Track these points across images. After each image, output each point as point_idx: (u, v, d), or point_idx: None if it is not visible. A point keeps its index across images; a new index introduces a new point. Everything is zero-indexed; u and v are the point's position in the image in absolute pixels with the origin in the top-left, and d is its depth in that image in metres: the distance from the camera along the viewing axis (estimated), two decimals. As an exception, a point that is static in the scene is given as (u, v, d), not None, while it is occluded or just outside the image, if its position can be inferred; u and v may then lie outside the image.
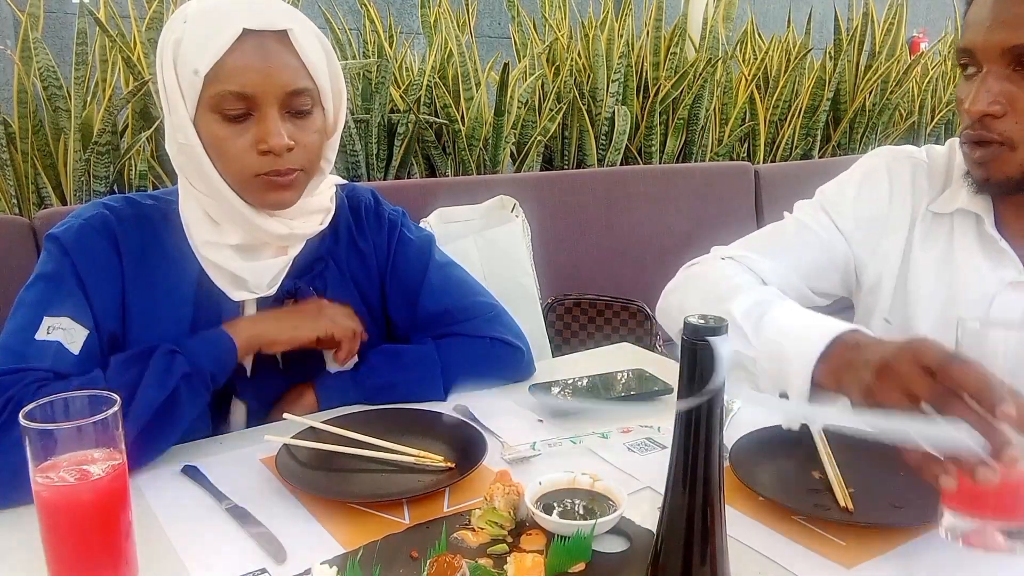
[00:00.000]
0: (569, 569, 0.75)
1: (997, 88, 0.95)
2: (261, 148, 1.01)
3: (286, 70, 1.01)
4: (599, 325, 2.27)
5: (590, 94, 2.73)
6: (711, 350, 0.58)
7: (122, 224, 1.07)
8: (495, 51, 2.99)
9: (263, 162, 1.02)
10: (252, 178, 1.03)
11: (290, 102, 1.02)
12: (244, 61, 0.98)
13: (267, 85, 0.99)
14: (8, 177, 1.91)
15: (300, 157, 1.04)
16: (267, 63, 0.99)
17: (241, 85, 0.98)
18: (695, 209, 2.65)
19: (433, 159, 2.51)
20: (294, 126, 1.03)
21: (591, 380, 1.24)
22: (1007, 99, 0.95)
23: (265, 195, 1.05)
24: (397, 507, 0.87)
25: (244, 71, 0.98)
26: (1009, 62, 0.94)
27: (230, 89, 0.98)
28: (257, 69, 0.99)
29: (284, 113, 1.02)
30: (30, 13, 1.92)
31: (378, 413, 1.09)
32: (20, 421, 0.68)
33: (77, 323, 1.00)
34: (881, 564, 0.78)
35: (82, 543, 0.71)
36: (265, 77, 0.99)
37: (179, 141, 1.03)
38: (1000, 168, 0.98)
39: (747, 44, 3.22)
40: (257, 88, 0.99)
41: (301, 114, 1.04)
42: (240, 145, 1.01)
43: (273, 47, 1.00)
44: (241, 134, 1.01)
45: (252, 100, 1.00)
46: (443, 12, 2.52)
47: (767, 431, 1.01)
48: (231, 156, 1.02)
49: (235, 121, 1.00)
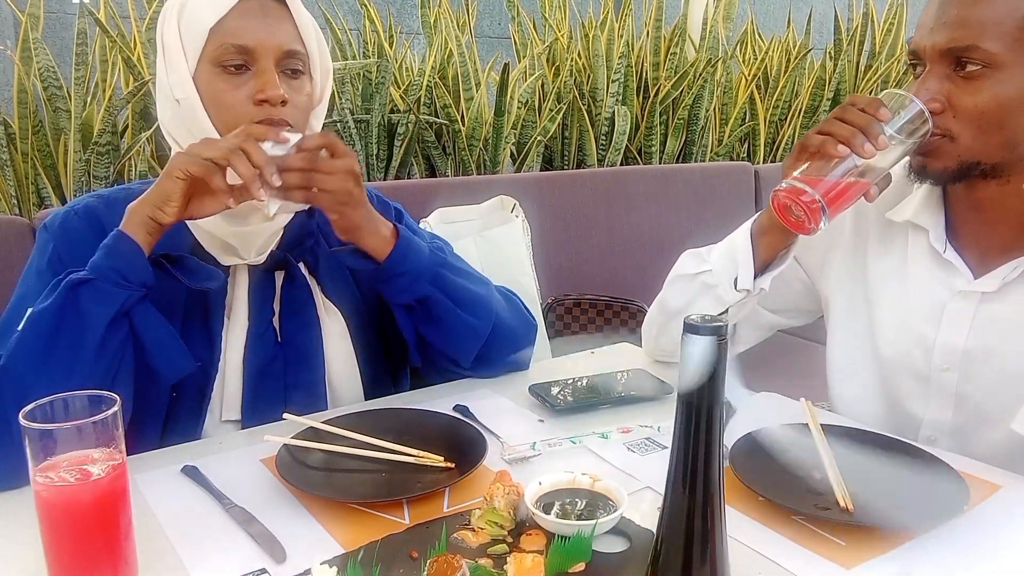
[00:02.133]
0: (569, 569, 0.75)
1: (936, 86, 0.99)
2: (258, 98, 1.05)
3: (284, 30, 1.08)
4: (599, 325, 2.27)
5: (590, 94, 2.73)
6: (712, 350, 0.58)
7: (111, 207, 1.09)
8: (495, 51, 2.99)
9: (258, 111, 1.05)
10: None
11: (285, 61, 1.07)
12: (247, 19, 1.05)
13: (267, 41, 1.05)
14: (8, 177, 1.91)
15: (292, 113, 1.07)
16: (267, 21, 1.06)
17: (243, 39, 1.04)
18: (695, 209, 2.65)
19: (433, 159, 2.51)
20: (288, 85, 1.07)
21: (591, 380, 1.24)
22: (945, 97, 0.99)
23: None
24: (397, 507, 0.87)
25: (246, 26, 1.05)
26: (949, 62, 0.99)
27: (232, 42, 1.04)
28: (258, 26, 1.05)
29: (279, 72, 1.07)
30: (30, 13, 1.92)
31: (378, 413, 1.09)
32: (20, 421, 0.69)
33: None
34: (881, 564, 0.78)
35: (82, 543, 0.71)
36: (266, 34, 1.05)
37: (176, 97, 1.06)
38: (938, 158, 1.02)
39: (747, 44, 3.22)
40: (257, 43, 1.05)
41: (295, 74, 1.09)
42: (238, 96, 1.05)
43: (273, 9, 1.08)
44: (239, 86, 1.05)
45: (252, 54, 1.05)
46: (443, 12, 2.52)
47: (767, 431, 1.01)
48: (228, 105, 1.05)
49: (234, 73, 1.05)
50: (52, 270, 1.03)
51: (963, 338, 1.06)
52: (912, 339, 1.10)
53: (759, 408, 1.11)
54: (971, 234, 1.08)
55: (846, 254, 1.19)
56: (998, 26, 0.95)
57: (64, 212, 1.10)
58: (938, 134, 1.00)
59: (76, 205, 1.11)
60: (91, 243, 1.02)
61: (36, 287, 1.02)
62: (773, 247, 1.10)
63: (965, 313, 1.06)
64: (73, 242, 1.06)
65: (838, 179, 0.94)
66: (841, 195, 0.95)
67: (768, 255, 1.11)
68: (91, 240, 1.03)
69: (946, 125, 0.99)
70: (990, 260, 1.06)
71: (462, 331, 1.18)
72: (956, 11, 0.97)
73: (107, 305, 0.95)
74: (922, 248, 1.11)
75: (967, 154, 1.00)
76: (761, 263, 1.11)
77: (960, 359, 1.07)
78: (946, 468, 0.92)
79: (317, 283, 1.19)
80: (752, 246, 1.11)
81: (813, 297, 1.25)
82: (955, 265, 1.07)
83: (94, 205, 1.11)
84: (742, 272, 1.10)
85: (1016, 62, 0.96)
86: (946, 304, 1.08)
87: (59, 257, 1.05)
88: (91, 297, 0.95)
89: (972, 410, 1.07)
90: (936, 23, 0.99)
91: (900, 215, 1.13)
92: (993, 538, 0.83)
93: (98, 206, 1.10)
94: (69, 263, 1.01)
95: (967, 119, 0.98)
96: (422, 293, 1.14)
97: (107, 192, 1.13)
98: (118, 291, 0.96)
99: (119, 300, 0.96)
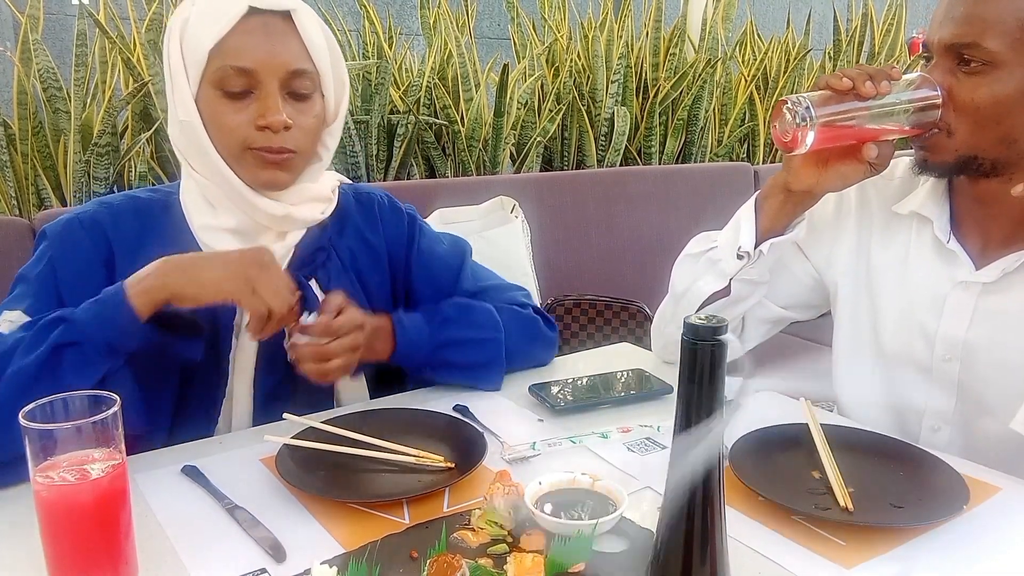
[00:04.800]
0: (569, 569, 0.75)
1: (939, 79, 1.00)
2: (259, 123, 1.02)
3: (288, 50, 1.03)
4: (599, 325, 2.27)
5: (589, 95, 2.73)
6: (711, 350, 0.58)
7: (116, 218, 1.07)
8: (495, 52, 2.99)
9: (258, 136, 1.03)
10: (246, 151, 1.04)
11: (291, 83, 1.04)
12: (248, 38, 1.01)
13: (269, 62, 1.01)
14: (8, 178, 1.91)
15: (296, 138, 1.04)
16: (270, 41, 1.02)
17: (244, 61, 1.01)
18: (695, 209, 2.64)
19: (433, 160, 2.51)
20: (293, 108, 1.04)
21: (591, 380, 1.24)
22: (947, 90, 1.00)
23: (258, 172, 1.05)
24: (397, 507, 0.87)
25: (248, 48, 1.01)
26: (953, 57, 1.00)
27: (233, 64, 1.00)
28: (260, 46, 1.01)
29: (284, 94, 1.04)
30: (30, 15, 1.92)
31: (378, 413, 1.09)
32: (20, 421, 0.68)
33: (27, 316, 0.97)
34: (881, 564, 0.78)
35: (82, 543, 0.71)
36: (268, 54, 1.01)
37: (180, 118, 1.04)
38: (937, 151, 1.03)
39: (746, 45, 3.22)
40: (259, 64, 1.01)
41: (301, 97, 1.05)
42: (239, 119, 1.02)
43: (277, 26, 1.03)
44: (241, 110, 1.02)
45: (254, 76, 1.01)
46: (443, 13, 2.52)
47: (767, 431, 1.01)
48: (228, 128, 1.03)
49: (236, 97, 1.02)
50: (41, 281, 1.01)
51: (964, 328, 1.07)
52: (914, 330, 1.12)
53: (759, 408, 1.11)
54: (974, 226, 1.09)
55: (851, 246, 1.20)
56: (1000, 25, 0.96)
57: (67, 220, 1.06)
58: (937, 127, 1.01)
59: (82, 214, 1.07)
60: (91, 258, 1.02)
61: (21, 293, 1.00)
62: (776, 212, 1.10)
63: (966, 304, 1.07)
64: (71, 255, 1.03)
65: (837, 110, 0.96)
66: (833, 124, 0.97)
67: (771, 223, 1.11)
68: (91, 255, 1.02)
69: (945, 119, 1.01)
70: (992, 251, 1.07)
71: (472, 382, 1.20)
72: (963, 8, 0.98)
73: (88, 377, 0.90)
74: (926, 239, 1.12)
75: (964, 148, 1.01)
76: (764, 231, 1.11)
77: (961, 349, 1.08)
78: (946, 468, 0.92)
79: None
80: (756, 212, 1.11)
81: (821, 291, 1.25)
82: (958, 255, 1.08)
83: (100, 217, 1.06)
84: (744, 235, 1.11)
85: (1016, 61, 0.96)
86: (947, 295, 1.09)
87: (53, 270, 1.02)
88: (73, 363, 0.90)
89: (974, 400, 1.08)
90: (944, 17, 1.00)
91: (906, 207, 1.14)
92: (992, 538, 0.83)
93: (104, 218, 1.06)
94: (63, 277, 1.00)
95: (964, 114, 1.00)
96: (429, 369, 1.18)
97: (116, 203, 1.09)
98: (103, 360, 0.92)
99: (102, 369, 0.93)
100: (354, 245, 1.20)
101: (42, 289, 1.01)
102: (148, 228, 1.08)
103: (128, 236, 1.06)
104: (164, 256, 0.97)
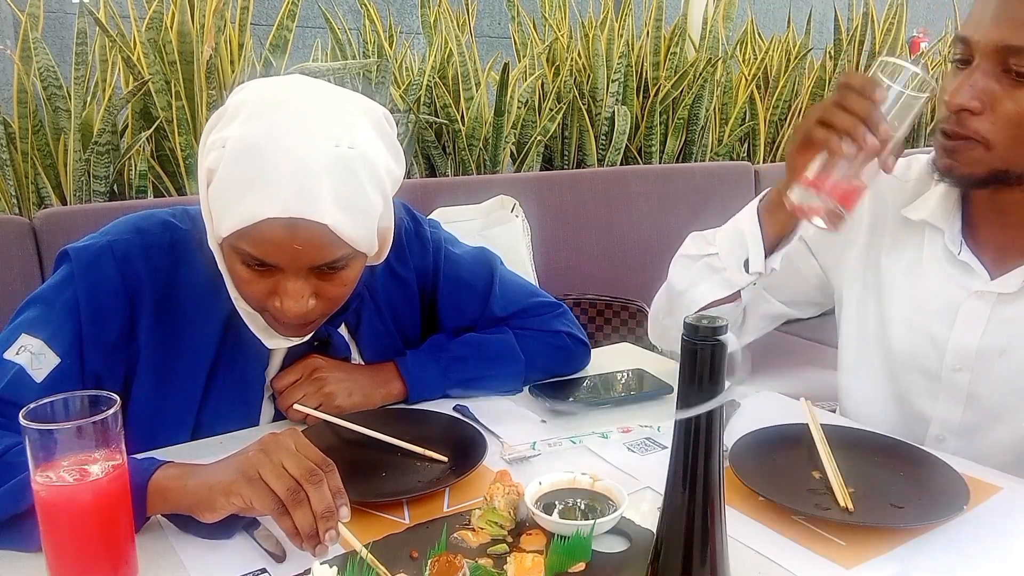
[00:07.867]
0: (569, 569, 0.75)
1: (982, 84, 0.94)
2: (275, 304, 0.94)
3: (316, 245, 0.90)
4: (599, 325, 2.27)
5: (590, 94, 2.72)
6: (711, 350, 0.58)
7: (150, 251, 1.00)
8: (495, 51, 2.99)
9: (277, 307, 0.94)
10: (264, 312, 0.99)
11: (319, 268, 0.93)
12: (271, 235, 0.88)
13: (293, 261, 0.91)
14: (8, 177, 1.91)
15: (322, 308, 0.97)
16: (296, 238, 0.88)
17: (264, 255, 0.90)
18: (695, 209, 2.64)
19: (433, 159, 2.51)
20: (322, 280, 0.94)
21: (591, 380, 1.24)
22: (989, 98, 0.94)
23: (276, 326, 1.00)
24: (397, 507, 0.87)
25: (269, 243, 0.89)
26: (1000, 61, 0.94)
27: (251, 252, 0.90)
28: (283, 244, 0.89)
29: (311, 271, 0.93)
30: (30, 13, 1.92)
31: (378, 413, 1.09)
32: (20, 421, 0.68)
33: (50, 349, 0.93)
34: (881, 564, 0.78)
35: (82, 543, 0.71)
36: (292, 254, 0.90)
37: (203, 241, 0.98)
38: (968, 163, 0.98)
39: (747, 44, 3.21)
40: (281, 260, 0.91)
41: (334, 269, 0.94)
42: (258, 288, 0.94)
43: (304, 228, 0.88)
44: (261, 279, 0.93)
45: (275, 265, 0.92)
46: (443, 12, 2.52)
47: (767, 431, 1.01)
48: (247, 294, 0.96)
49: (257, 270, 0.93)
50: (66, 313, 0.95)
51: (977, 338, 1.05)
52: (923, 337, 1.09)
53: (759, 408, 1.11)
54: (990, 235, 1.06)
55: (861, 250, 1.17)
56: None
57: (99, 248, 0.98)
58: (972, 138, 0.96)
59: (116, 244, 0.98)
60: (117, 291, 0.97)
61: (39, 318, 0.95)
62: (781, 224, 1.06)
63: (981, 313, 1.05)
64: (98, 288, 0.97)
65: (850, 174, 0.90)
66: (856, 189, 0.91)
67: (775, 233, 1.07)
68: (119, 288, 0.97)
69: (983, 128, 0.95)
70: (1008, 261, 1.04)
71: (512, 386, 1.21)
72: (1019, 10, 0.92)
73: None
74: (937, 248, 1.09)
75: (999, 163, 0.96)
76: (769, 243, 1.07)
77: (973, 359, 1.05)
78: (946, 468, 0.92)
79: (356, 345, 1.16)
80: (760, 225, 1.07)
81: (825, 290, 1.23)
82: (971, 266, 1.06)
83: (133, 251, 0.99)
84: (753, 255, 1.07)
85: None
86: (960, 304, 1.06)
87: (77, 304, 0.95)
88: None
89: (983, 410, 1.07)
90: (995, 17, 0.93)
91: (917, 213, 1.10)
92: (993, 539, 0.83)
93: (136, 253, 0.99)
94: (86, 312, 0.95)
95: (1005, 125, 0.94)
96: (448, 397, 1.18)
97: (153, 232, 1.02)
98: None
99: None
100: (387, 282, 1.17)
101: (66, 321, 0.95)
102: (182, 266, 1.02)
103: (162, 271, 1.01)
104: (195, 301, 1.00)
